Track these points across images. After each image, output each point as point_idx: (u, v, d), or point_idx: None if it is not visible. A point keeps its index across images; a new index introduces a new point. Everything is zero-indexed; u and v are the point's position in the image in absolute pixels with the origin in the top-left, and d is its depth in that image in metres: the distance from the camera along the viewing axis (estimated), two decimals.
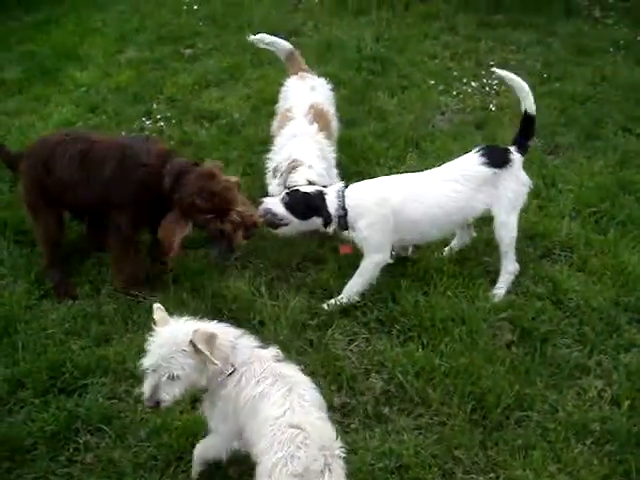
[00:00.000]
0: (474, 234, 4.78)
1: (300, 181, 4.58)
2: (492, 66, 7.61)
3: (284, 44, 6.03)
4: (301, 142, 4.93)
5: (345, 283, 4.41)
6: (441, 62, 8.14)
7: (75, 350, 4.10)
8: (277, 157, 5.02)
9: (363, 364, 3.97)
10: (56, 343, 4.15)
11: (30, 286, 4.70)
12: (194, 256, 4.94)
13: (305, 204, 4.29)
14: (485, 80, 7.49)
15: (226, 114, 7.08)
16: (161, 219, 4.34)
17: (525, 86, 4.45)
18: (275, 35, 6.24)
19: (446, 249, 4.78)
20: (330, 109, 5.47)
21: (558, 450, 3.43)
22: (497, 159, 4.28)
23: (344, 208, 4.26)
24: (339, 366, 3.92)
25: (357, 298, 4.34)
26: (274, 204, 4.34)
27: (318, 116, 5.16)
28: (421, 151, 6.04)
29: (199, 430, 3.45)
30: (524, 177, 4.38)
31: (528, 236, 4.95)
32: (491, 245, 4.63)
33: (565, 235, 4.95)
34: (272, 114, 6.88)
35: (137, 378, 3.87)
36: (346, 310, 4.33)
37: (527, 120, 4.41)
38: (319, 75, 5.82)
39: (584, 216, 5.14)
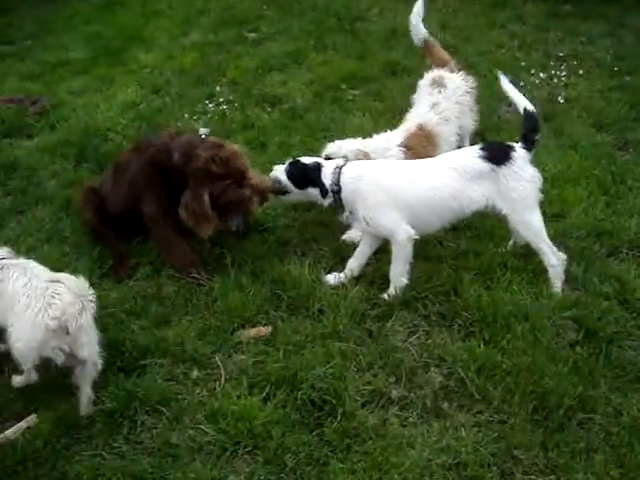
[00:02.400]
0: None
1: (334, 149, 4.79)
2: (561, 57, 7.52)
3: (418, 30, 5.78)
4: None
5: None
6: (508, 52, 7.99)
7: (135, 330, 4.12)
8: None
9: (423, 357, 3.90)
10: (116, 322, 4.19)
11: (92, 264, 4.76)
12: (255, 240, 4.93)
13: (302, 174, 4.47)
14: (553, 72, 7.31)
15: (288, 99, 7.08)
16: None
17: (511, 89, 4.44)
18: (340, 19, 6.13)
19: (510, 243, 4.68)
20: (444, 129, 5.18)
21: (621, 455, 3.32)
22: (496, 155, 4.18)
23: (337, 184, 4.32)
24: (398, 358, 3.86)
25: (405, 281, 4.29)
26: (280, 172, 4.56)
27: (422, 138, 4.99)
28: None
29: (256, 415, 3.45)
30: (530, 173, 4.21)
31: (594, 233, 4.81)
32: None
33: (634, 234, 4.79)
34: (336, 99, 6.90)
35: (195, 361, 3.91)
36: (406, 302, 4.26)
37: (528, 115, 4.28)
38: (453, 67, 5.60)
39: None
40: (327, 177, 4.37)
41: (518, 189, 4.17)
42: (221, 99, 7.19)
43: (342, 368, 3.73)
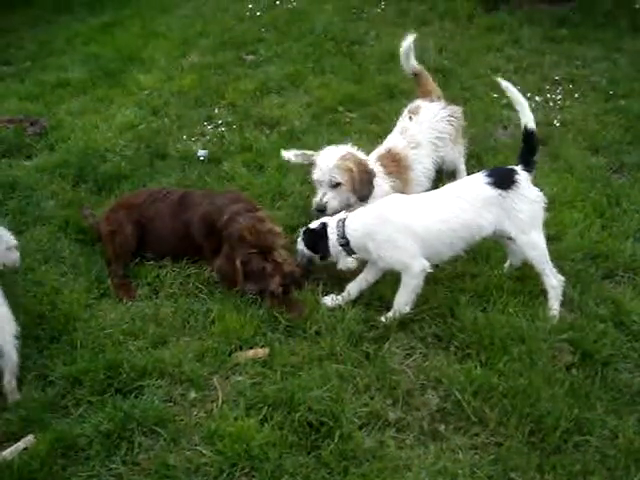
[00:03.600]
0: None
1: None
2: (556, 81, 7.58)
3: (412, 62, 5.87)
4: None
5: None
6: (504, 75, 7.95)
7: (132, 351, 4.12)
8: None
9: (419, 379, 3.91)
10: (114, 343, 4.19)
11: (90, 285, 4.77)
12: None
13: (312, 239, 4.52)
14: (549, 95, 7.39)
15: (286, 121, 7.13)
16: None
17: (523, 101, 4.44)
18: (338, 42, 6.19)
19: (506, 265, 4.71)
20: (412, 152, 5.29)
21: (617, 477, 3.33)
22: (502, 180, 4.23)
23: (344, 237, 4.36)
24: (395, 380, 3.86)
25: (408, 309, 4.30)
26: (300, 245, 4.59)
27: (391, 161, 5.15)
28: (483, 165, 5.96)
29: (253, 436, 3.45)
30: (534, 194, 4.29)
31: (590, 256, 4.85)
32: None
33: (629, 256, 4.82)
34: (333, 122, 6.94)
35: (193, 382, 3.92)
36: (403, 324, 4.28)
37: (528, 136, 4.34)
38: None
39: None
40: (332, 233, 4.40)
41: (525, 211, 4.24)
42: (219, 121, 7.23)
43: (339, 390, 3.73)
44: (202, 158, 6.46)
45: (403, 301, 4.29)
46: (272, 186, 5.83)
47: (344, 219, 4.42)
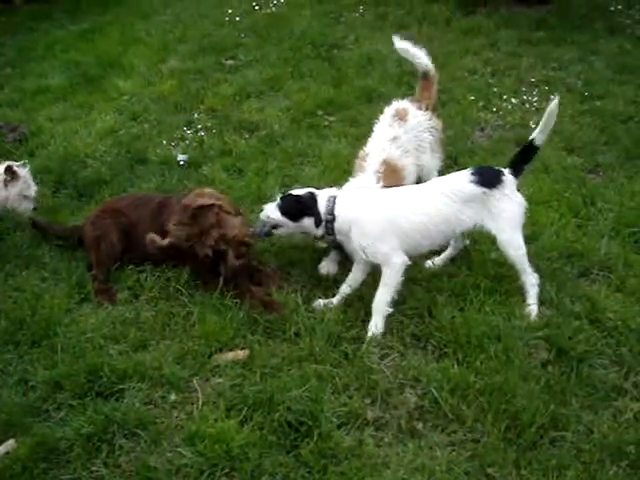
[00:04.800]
0: (467, 242, 4.88)
1: None
2: (533, 83, 7.66)
3: (422, 61, 5.76)
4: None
5: None
6: (482, 78, 8.13)
7: (113, 355, 4.14)
8: None
9: (397, 378, 3.95)
10: (94, 347, 4.20)
11: (70, 290, 4.78)
12: None
13: (296, 206, 4.45)
14: (525, 97, 7.46)
15: (266, 125, 7.17)
16: None
17: (550, 123, 4.44)
18: (317, 46, 6.20)
19: (437, 259, 4.84)
20: (406, 161, 5.20)
21: (592, 472, 3.38)
22: (487, 179, 4.30)
23: (332, 213, 4.36)
24: (373, 379, 3.90)
25: (390, 309, 4.31)
26: (271, 210, 4.53)
27: (389, 172, 5.00)
28: (460, 166, 5.99)
29: (233, 437, 3.48)
30: (518, 198, 4.39)
31: (566, 255, 4.91)
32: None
33: (604, 255, 4.89)
34: (312, 126, 6.98)
35: (173, 384, 3.94)
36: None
37: (531, 149, 4.46)
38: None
39: (623, 236, 5.08)
40: (321, 207, 4.40)
41: (508, 211, 4.32)
42: (199, 126, 7.26)
43: (318, 390, 3.76)
44: (182, 163, 6.49)
45: (384, 300, 4.29)
46: (252, 190, 5.86)
47: (335, 196, 4.41)
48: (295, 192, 4.55)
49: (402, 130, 5.27)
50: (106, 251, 4.99)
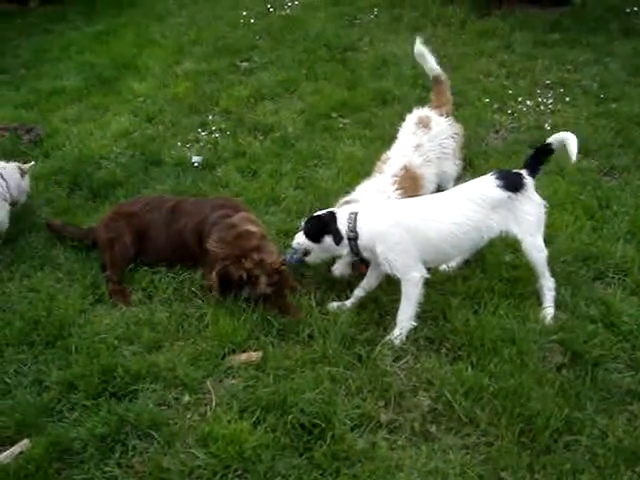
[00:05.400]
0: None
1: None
2: (548, 85, 7.63)
3: (431, 66, 5.81)
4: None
5: (394, 296, 4.40)
6: (496, 80, 8.10)
7: (127, 356, 4.16)
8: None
9: (411, 381, 3.95)
10: (108, 348, 4.22)
11: (85, 291, 4.80)
12: None
13: (316, 226, 4.41)
14: (540, 99, 7.42)
15: (280, 127, 7.17)
16: None
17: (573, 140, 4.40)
18: (331, 48, 6.18)
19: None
20: (427, 171, 5.21)
21: (607, 476, 3.37)
22: (512, 183, 4.28)
23: (353, 231, 4.29)
24: (387, 382, 3.90)
25: (414, 323, 4.29)
26: (299, 236, 4.52)
27: (407, 178, 4.98)
28: (475, 169, 6.00)
29: (247, 439, 3.49)
30: (538, 198, 4.38)
31: (581, 258, 4.89)
32: None
33: (619, 258, 4.87)
34: (327, 128, 6.99)
35: (187, 386, 3.95)
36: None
37: (546, 150, 4.43)
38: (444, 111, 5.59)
39: (639, 239, 5.06)
40: (342, 224, 4.33)
41: (532, 213, 4.32)
42: (213, 127, 7.27)
43: (331, 392, 3.77)
44: (196, 164, 6.50)
45: (407, 315, 4.27)
46: (266, 191, 5.87)
47: (356, 213, 4.35)
48: (317, 213, 4.50)
49: (426, 138, 5.28)
50: (120, 253, 5.02)
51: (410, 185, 4.97)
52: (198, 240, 4.86)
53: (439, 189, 5.27)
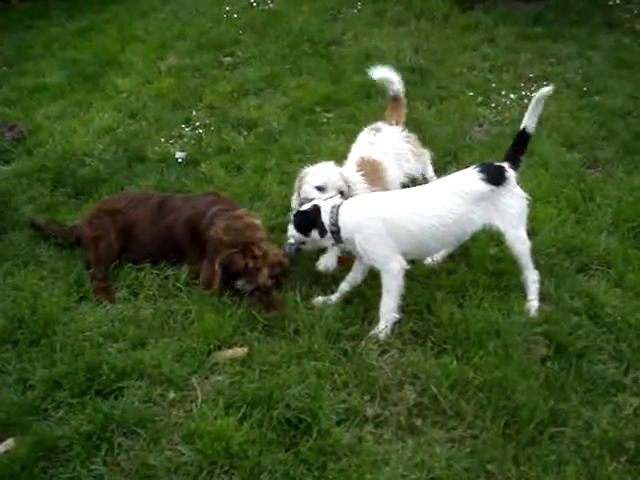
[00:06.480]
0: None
1: (309, 190, 4.79)
2: (531, 79, 7.64)
3: (394, 86, 5.87)
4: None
5: (380, 290, 4.36)
6: (480, 74, 8.11)
7: (112, 353, 4.14)
8: None
9: (397, 375, 3.96)
10: (93, 345, 4.20)
11: (69, 288, 4.77)
12: None
13: (303, 220, 4.43)
14: (524, 92, 7.43)
15: (264, 122, 7.17)
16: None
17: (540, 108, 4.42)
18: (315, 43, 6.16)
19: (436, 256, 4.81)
20: (387, 161, 5.32)
21: (592, 467, 3.38)
22: (494, 176, 4.28)
23: (335, 224, 4.32)
24: (372, 376, 3.90)
25: (397, 315, 4.29)
26: (291, 229, 4.53)
27: (368, 168, 5.11)
28: (459, 162, 6.02)
29: (233, 435, 3.49)
30: (520, 191, 4.39)
31: (565, 250, 4.92)
32: None
33: (603, 250, 4.89)
34: (311, 122, 6.99)
35: (172, 382, 3.94)
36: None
37: (524, 138, 4.44)
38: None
39: (623, 231, 5.09)
40: (326, 219, 4.35)
41: (514, 206, 4.33)
42: (197, 123, 7.25)
43: (317, 387, 3.78)
44: (180, 160, 6.48)
45: (390, 307, 4.27)
46: (250, 187, 5.87)
47: (338, 205, 4.37)
48: (304, 207, 4.51)
49: (377, 137, 5.43)
50: (104, 250, 4.99)
51: (372, 171, 5.10)
52: (189, 235, 4.87)
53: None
